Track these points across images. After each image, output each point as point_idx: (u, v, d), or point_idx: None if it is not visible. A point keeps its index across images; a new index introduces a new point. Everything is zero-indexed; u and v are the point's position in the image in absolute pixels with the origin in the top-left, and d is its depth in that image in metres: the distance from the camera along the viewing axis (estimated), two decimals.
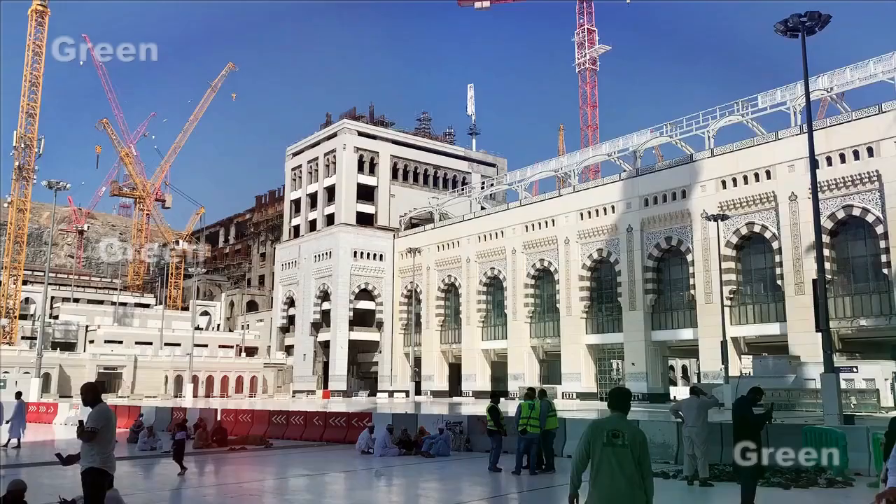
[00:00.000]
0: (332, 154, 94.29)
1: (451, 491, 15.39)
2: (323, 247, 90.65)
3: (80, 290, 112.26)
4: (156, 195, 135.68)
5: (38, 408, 36.25)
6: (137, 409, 30.58)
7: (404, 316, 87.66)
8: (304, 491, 15.39)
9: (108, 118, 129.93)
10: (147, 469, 17.99)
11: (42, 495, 8.51)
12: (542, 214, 72.59)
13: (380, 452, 19.49)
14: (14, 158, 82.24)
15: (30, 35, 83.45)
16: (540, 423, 16.05)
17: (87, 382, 8.32)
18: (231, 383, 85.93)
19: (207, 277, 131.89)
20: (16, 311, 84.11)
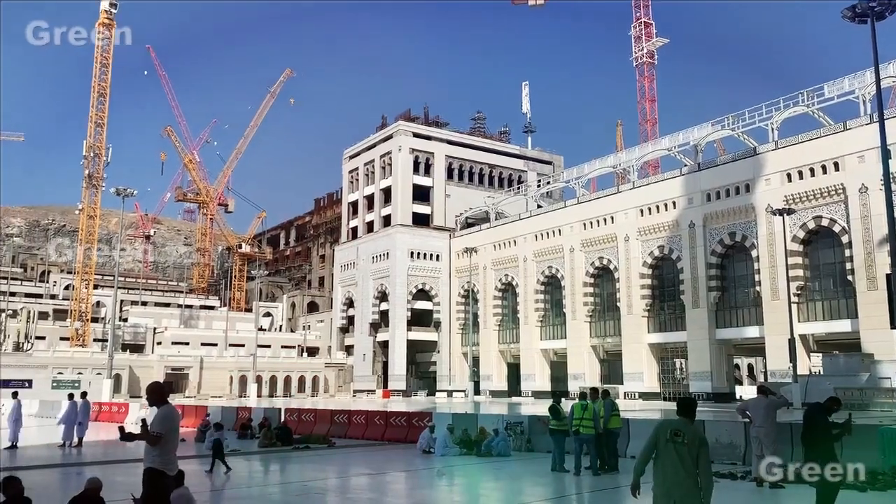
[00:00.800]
0: (387, 156, 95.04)
1: (513, 491, 15.29)
2: (380, 248, 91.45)
3: (148, 293, 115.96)
4: (219, 200, 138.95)
5: (111, 408, 37.50)
6: (204, 409, 31.30)
7: (461, 316, 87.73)
8: (366, 490, 15.50)
9: (171, 126, 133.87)
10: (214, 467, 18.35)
11: (116, 492, 8.76)
12: (600, 212, 71.64)
13: (441, 452, 19.50)
14: (84, 167, 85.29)
15: (97, 48, 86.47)
16: (595, 424, 15.82)
17: (153, 382, 8.44)
18: (293, 383, 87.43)
19: (269, 279, 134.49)
20: (88, 314, 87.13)
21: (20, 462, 18.87)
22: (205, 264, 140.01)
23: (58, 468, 18.32)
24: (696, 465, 6.73)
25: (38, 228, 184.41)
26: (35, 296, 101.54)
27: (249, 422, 26.59)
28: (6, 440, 22.15)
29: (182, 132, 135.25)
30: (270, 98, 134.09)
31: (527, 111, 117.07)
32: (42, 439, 24.73)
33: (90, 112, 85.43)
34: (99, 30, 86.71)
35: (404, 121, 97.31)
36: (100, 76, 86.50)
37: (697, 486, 6.71)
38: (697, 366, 61.24)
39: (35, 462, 18.84)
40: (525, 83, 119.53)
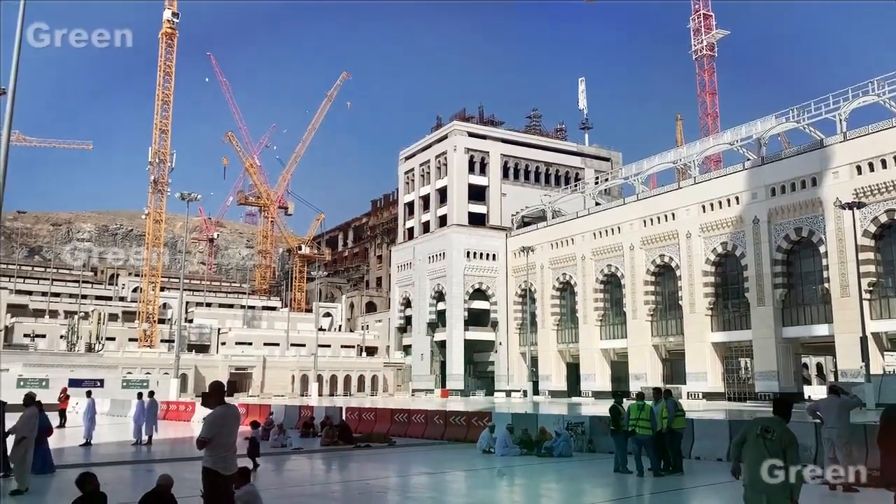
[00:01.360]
0: (443, 156, 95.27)
1: (574, 492, 15.12)
2: (436, 248, 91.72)
3: (212, 294, 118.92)
4: (279, 203, 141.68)
5: (178, 406, 38.55)
6: (267, 408, 31.89)
7: (519, 315, 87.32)
8: (426, 489, 15.53)
9: (233, 131, 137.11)
10: (278, 465, 18.70)
11: (184, 489, 8.97)
12: (660, 208, 70.33)
13: (501, 452, 19.41)
14: (149, 173, 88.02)
15: (160, 57, 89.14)
16: (652, 424, 15.50)
17: (214, 381, 8.56)
18: (353, 382, 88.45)
19: (328, 280, 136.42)
20: (155, 315, 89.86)
21: (94, 459, 19.55)
22: (266, 266, 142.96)
23: (128, 465, 18.89)
24: (782, 459, 7.03)
25: (107, 233, 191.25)
26: (105, 298, 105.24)
27: (312, 420, 26.97)
28: (81, 437, 22.97)
29: (243, 137, 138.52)
30: (327, 102, 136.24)
31: (583, 107, 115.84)
32: (113, 437, 25.54)
33: (155, 119, 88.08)
34: (161, 39, 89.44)
35: (459, 121, 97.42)
36: (163, 84, 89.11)
37: (778, 480, 6.99)
38: (763, 365, 59.54)
39: (108, 459, 19.49)
40: (581, 79, 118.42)
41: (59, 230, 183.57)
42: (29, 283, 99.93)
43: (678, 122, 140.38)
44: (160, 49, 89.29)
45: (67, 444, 23.03)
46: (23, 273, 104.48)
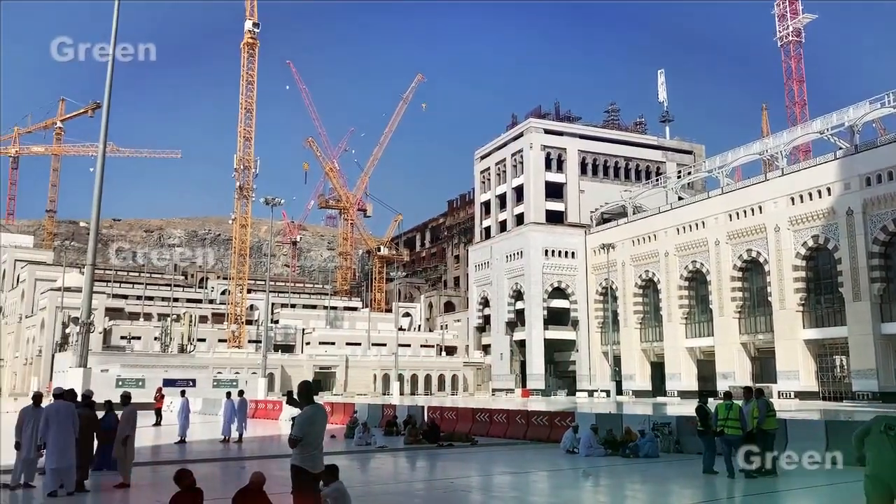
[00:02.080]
0: (519, 154, 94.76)
1: (661, 493, 14.74)
2: (514, 247, 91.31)
3: (296, 296, 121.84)
4: (358, 205, 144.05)
5: (266, 405, 39.60)
6: (351, 407, 32.40)
7: (600, 314, 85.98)
8: (510, 488, 15.42)
9: (313, 137, 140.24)
10: (363, 463, 18.95)
11: (275, 486, 9.16)
12: (747, 201, 67.97)
13: (585, 452, 19.12)
14: (235, 179, 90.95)
15: (242, 66, 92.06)
16: (742, 424, 14.91)
17: (303, 380, 8.72)
18: (433, 381, 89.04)
19: (407, 280, 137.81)
20: (242, 317, 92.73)
21: (188, 456, 20.27)
22: (347, 267, 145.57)
23: (220, 462, 19.49)
24: None
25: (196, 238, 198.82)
26: (195, 301, 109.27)
27: (395, 419, 27.21)
28: (176, 435, 23.86)
29: (322, 142, 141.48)
30: (403, 104, 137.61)
31: (663, 100, 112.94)
32: (206, 435, 26.38)
33: (238, 127, 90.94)
34: (243, 49, 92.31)
35: (535, 118, 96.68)
36: (246, 93, 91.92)
37: None
38: (861, 363, 56.70)
39: (201, 456, 20.16)
40: (661, 71, 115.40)
41: (152, 236, 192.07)
42: (125, 288, 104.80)
43: (763, 112, 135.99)
44: (242, 59, 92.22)
45: (163, 442, 23.97)
46: (118, 278, 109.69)
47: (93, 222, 27.54)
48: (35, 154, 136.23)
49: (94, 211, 27.39)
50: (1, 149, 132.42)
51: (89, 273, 27.26)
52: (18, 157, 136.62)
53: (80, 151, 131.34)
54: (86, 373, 26.14)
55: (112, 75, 28.01)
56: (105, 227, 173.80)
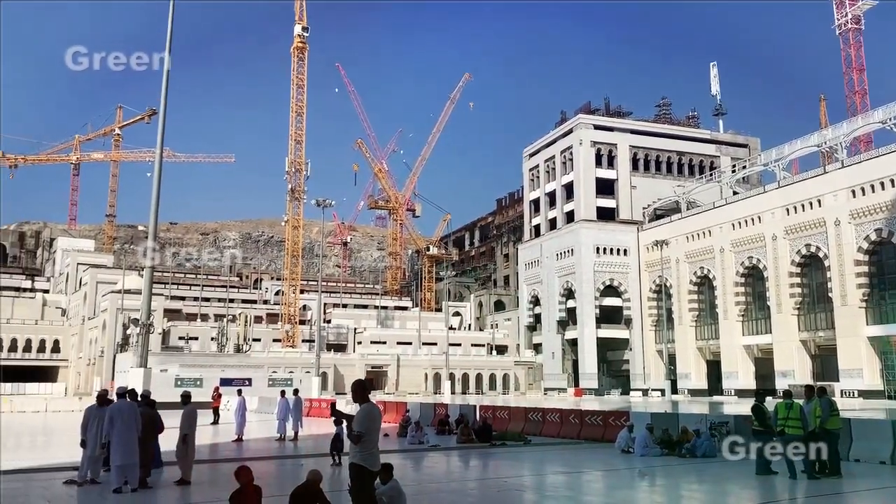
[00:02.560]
0: (568, 151, 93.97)
1: (718, 493, 14.44)
2: (564, 244, 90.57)
3: (347, 296, 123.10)
4: (407, 205, 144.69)
5: (320, 404, 40.11)
6: (403, 405, 32.59)
7: (654, 312, 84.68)
8: (563, 488, 15.29)
9: (362, 138, 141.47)
10: (416, 462, 19.02)
11: (331, 483, 9.24)
12: (805, 195, 66.12)
13: (641, 452, 18.86)
14: (287, 182, 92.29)
15: (293, 70, 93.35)
16: (803, 424, 14.47)
17: (357, 380, 8.80)
18: (484, 380, 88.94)
19: (457, 280, 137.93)
20: (296, 317, 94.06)
21: (245, 454, 20.66)
22: (396, 267, 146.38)
23: (276, 460, 19.82)
24: None
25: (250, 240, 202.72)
26: (250, 302, 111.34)
27: (447, 418, 27.25)
28: (233, 434, 24.33)
29: (371, 143, 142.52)
30: (451, 104, 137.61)
31: (716, 93, 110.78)
32: (262, 433, 26.85)
33: (290, 130, 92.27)
34: (294, 53, 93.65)
35: (584, 114, 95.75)
36: (296, 97, 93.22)
37: None
38: None
39: (258, 454, 20.54)
40: (713, 64, 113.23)
41: (207, 238, 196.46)
42: (182, 289, 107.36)
43: (821, 103, 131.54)
44: (292, 63, 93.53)
45: (221, 440, 24.48)
46: (176, 280, 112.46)
47: (151, 226, 28.30)
48: (95, 161, 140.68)
49: (152, 215, 28.14)
50: (63, 156, 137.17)
51: (148, 276, 28.02)
52: (79, 164, 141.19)
53: (137, 157, 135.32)
54: (146, 373, 26.86)
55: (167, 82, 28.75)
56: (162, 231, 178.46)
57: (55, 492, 13.37)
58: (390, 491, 8.52)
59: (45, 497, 13.14)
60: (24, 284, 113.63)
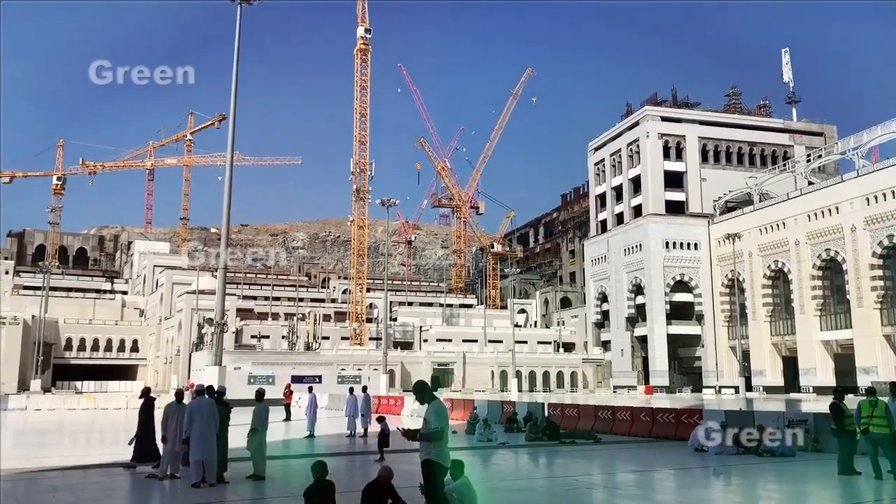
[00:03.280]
0: (634, 144, 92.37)
1: (797, 494, 13.98)
2: (632, 239, 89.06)
3: (413, 294, 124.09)
4: (470, 203, 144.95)
5: (388, 401, 40.55)
6: (470, 403, 32.65)
7: (726, 307, 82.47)
8: (634, 486, 15.06)
9: (424, 137, 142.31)
10: (485, 459, 19.02)
11: (402, 480, 9.32)
12: (886, 184, 63.34)
13: (716, 451, 18.41)
14: (352, 182, 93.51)
15: (356, 72, 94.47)
16: (889, 423, 13.87)
17: (418, 380, 8.83)
18: (552, 378, 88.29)
19: (522, 277, 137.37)
20: (363, 315, 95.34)
21: (317, 450, 21.02)
22: (461, 265, 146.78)
23: (346, 456, 20.10)
24: None
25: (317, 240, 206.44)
26: (319, 301, 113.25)
27: (515, 416, 27.16)
28: (305, 430, 24.80)
29: (434, 142, 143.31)
30: (513, 99, 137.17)
31: (789, 80, 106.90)
32: (332, 430, 27.27)
33: (354, 131, 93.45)
34: (357, 55, 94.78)
35: (650, 105, 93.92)
36: (360, 99, 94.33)
37: None
38: None
39: (329, 450, 20.88)
40: (785, 50, 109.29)
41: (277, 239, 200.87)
42: (253, 289, 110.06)
43: None
44: (356, 64, 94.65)
45: (292, 437, 25.00)
46: (247, 280, 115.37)
47: (224, 229, 29.07)
48: (168, 166, 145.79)
49: (224, 218, 28.90)
50: (138, 162, 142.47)
51: (222, 276, 28.80)
52: (154, 170, 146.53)
53: (208, 162, 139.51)
54: (221, 370, 27.60)
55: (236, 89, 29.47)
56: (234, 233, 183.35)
57: (138, 485, 13.90)
58: (461, 487, 8.53)
59: (128, 490, 13.68)
60: (104, 287, 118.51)
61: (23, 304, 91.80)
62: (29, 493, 13.21)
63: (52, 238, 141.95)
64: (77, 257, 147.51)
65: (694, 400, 59.88)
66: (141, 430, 15.69)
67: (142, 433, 15.64)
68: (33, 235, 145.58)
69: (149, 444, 15.50)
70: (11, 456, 19.54)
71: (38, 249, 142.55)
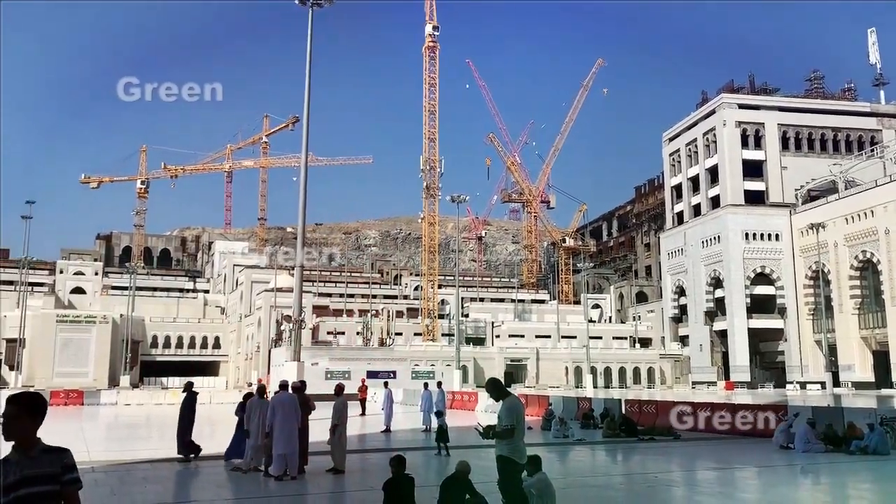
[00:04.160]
0: (711, 133, 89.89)
1: (891, 494, 13.31)
2: (709, 231, 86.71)
3: (484, 290, 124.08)
4: (541, 197, 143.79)
5: (462, 396, 40.72)
6: (545, 399, 32.44)
7: (811, 300, 79.40)
8: (716, 484, 14.68)
9: (493, 132, 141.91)
10: (562, 455, 18.86)
11: (476, 475, 9.35)
12: None
13: (802, 448, 17.75)
14: (422, 179, 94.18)
15: (425, 69, 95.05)
16: None
17: (491, 378, 8.82)
18: (628, 374, 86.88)
19: (595, 271, 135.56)
20: (435, 311, 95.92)
21: (393, 444, 21.30)
22: (532, 260, 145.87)
23: (422, 450, 20.25)
24: None
25: (388, 238, 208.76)
26: (391, 297, 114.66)
27: (591, 412, 26.85)
28: (381, 425, 25.14)
29: (503, 137, 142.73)
30: (583, 91, 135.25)
31: (875, 61, 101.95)
32: (408, 425, 27.56)
33: (423, 129, 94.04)
34: (425, 52, 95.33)
35: (727, 93, 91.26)
36: (429, 96, 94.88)
37: None
38: None
39: (406, 444, 21.10)
40: (871, 30, 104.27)
41: (350, 238, 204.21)
42: (328, 287, 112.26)
43: None
44: (424, 62, 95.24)
45: (369, 431, 25.37)
46: (322, 278, 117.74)
47: (299, 228, 29.77)
48: (245, 168, 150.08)
49: (300, 217, 29.59)
50: (217, 165, 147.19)
51: (298, 275, 29.50)
52: (232, 172, 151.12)
53: (283, 163, 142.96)
54: (299, 366, 28.28)
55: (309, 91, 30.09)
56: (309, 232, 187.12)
57: (222, 478, 14.38)
58: (538, 483, 8.49)
59: (214, 482, 14.16)
60: (187, 286, 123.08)
61: (111, 303, 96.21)
62: (122, 483, 13.82)
63: (137, 240, 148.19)
64: (161, 258, 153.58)
65: (777, 396, 57.96)
66: (183, 424, 16.30)
67: (184, 427, 16.25)
68: (120, 238, 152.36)
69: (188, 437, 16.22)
70: (105, 448, 20.54)
71: (124, 251, 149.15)
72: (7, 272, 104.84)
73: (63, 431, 23.06)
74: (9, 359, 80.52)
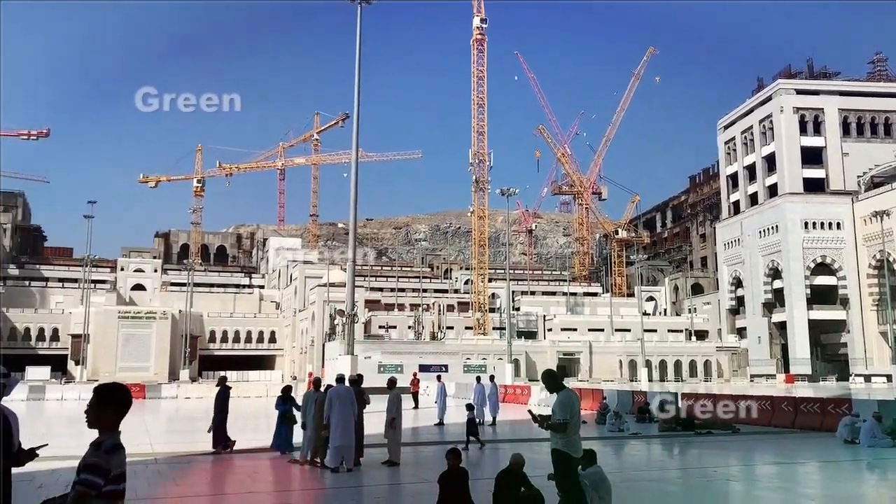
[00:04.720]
0: (767, 120, 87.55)
1: None
2: (767, 221, 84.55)
3: (535, 283, 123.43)
4: (592, 189, 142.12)
5: (514, 390, 40.61)
6: (599, 393, 32.13)
7: (875, 290, 76.79)
8: (777, 479, 14.35)
9: (543, 124, 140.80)
10: (617, 449, 18.68)
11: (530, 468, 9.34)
12: None
13: (868, 443, 17.19)
14: (471, 173, 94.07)
15: (473, 62, 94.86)
16: None
17: (546, 370, 8.75)
18: (684, 367, 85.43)
19: (649, 263, 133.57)
20: (486, 305, 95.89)
21: (447, 437, 21.36)
22: (584, 252, 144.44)
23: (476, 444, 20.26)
24: None
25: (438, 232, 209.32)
26: (442, 291, 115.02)
27: (646, 405, 26.48)
28: (435, 418, 25.25)
29: (553, 128, 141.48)
30: (635, 80, 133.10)
31: None
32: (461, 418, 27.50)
33: (472, 122, 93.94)
34: (473, 45, 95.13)
35: (784, 78, 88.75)
36: (477, 89, 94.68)
37: None
38: None
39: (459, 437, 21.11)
40: None
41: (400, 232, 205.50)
42: (380, 281, 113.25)
43: None
44: (472, 55, 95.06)
45: (422, 424, 25.52)
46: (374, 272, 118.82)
47: (351, 224, 30.08)
48: (297, 165, 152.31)
49: (351, 213, 29.90)
50: (270, 163, 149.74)
51: (351, 270, 29.83)
52: (284, 169, 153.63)
53: (334, 160, 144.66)
54: (353, 359, 28.61)
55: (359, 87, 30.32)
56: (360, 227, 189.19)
57: (280, 470, 14.67)
58: (593, 476, 8.44)
59: (272, 475, 14.46)
60: (243, 282, 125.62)
61: (170, 299, 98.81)
62: (184, 474, 14.22)
63: (194, 237, 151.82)
64: (217, 254, 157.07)
65: (840, 389, 56.29)
66: (218, 417, 16.63)
67: (218, 420, 16.58)
68: (178, 235, 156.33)
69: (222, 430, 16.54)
70: (167, 441, 21.16)
71: (182, 248, 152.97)
72: (71, 270, 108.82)
73: (126, 424, 23.75)
74: (74, 354, 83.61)
